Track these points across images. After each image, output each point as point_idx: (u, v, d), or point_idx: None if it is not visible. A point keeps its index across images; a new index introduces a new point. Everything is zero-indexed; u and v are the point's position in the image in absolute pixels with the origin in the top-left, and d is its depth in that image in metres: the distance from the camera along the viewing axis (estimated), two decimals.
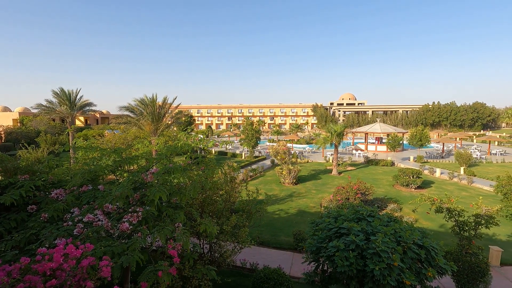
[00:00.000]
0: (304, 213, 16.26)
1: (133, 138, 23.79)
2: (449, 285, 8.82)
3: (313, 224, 6.80)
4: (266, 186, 22.47)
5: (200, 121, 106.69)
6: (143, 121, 22.98)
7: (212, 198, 7.98)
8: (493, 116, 77.56)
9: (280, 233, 13.44)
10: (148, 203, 5.45)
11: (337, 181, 23.27)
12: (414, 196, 17.53)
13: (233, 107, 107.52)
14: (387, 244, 5.06)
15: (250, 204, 9.04)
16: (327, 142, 27.60)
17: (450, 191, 20.19)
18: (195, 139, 8.00)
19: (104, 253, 4.06)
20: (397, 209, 16.03)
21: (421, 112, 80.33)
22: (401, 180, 21.12)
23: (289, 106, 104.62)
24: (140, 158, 7.93)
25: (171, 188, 6.05)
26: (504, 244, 12.27)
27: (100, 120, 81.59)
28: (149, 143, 9.35)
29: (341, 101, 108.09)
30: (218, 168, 7.59)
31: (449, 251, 8.40)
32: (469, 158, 28.14)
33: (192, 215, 7.01)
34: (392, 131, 42.97)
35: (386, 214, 6.60)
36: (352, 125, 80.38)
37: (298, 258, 11.10)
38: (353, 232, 5.48)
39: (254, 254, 11.07)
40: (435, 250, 5.52)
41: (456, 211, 8.76)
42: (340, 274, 5.33)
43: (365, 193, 16.21)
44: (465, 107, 77.46)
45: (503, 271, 10.32)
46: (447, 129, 76.10)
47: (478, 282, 8.04)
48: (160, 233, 4.77)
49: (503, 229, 13.65)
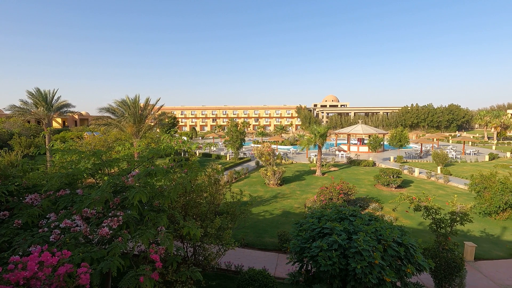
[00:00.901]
0: (289, 214, 16.39)
1: (114, 140, 23.14)
2: (428, 280, 9.14)
3: (297, 225, 6.86)
4: (251, 187, 22.47)
5: (184, 122, 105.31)
6: (125, 122, 22.40)
7: (195, 201, 7.89)
8: (467, 117, 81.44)
9: (265, 234, 13.47)
10: (130, 206, 5.32)
11: (321, 181, 23.62)
12: (394, 195, 18.09)
13: (217, 108, 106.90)
14: (368, 242, 5.19)
15: (234, 206, 9.01)
16: (311, 143, 27.97)
17: (428, 190, 20.97)
18: (179, 141, 7.89)
19: (83, 259, 3.92)
20: (379, 208, 16.46)
21: (401, 114, 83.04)
22: (382, 180, 21.73)
23: (274, 107, 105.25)
24: (121, 161, 7.73)
25: (152, 190, 5.94)
26: (478, 240, 12.87)
27: (79, 122, 78.86)
28: (131, 145, 9.12)
29: (324, 103, 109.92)
30: (202, 170, 7.52)
31: (427, 248, 8.71)
32: (445, 158, 29.35)
33: (175, 218, 6.90)
34: (373, 132, 44.15)
35: (368, 213, 6.77)
36: (335, 127, 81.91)
37: (283, 258, 11.17)
38: (336, 231, 5.58)
39: (239, 256, 11.03)
40: (413, 247, 5.71)
41: (433, 209, 9.10)
42: (324, 274, 5.41)
43: (348, 193, 16.54)
44: (442, 109, 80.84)
45: (477, 266, 10.82)
46: (425, 130, 79.05)
47: (454, 277, 8.38)
48: (142, 237, 4.67)
49: (476, 225, 14.32)
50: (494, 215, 15.26)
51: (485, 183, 15.69)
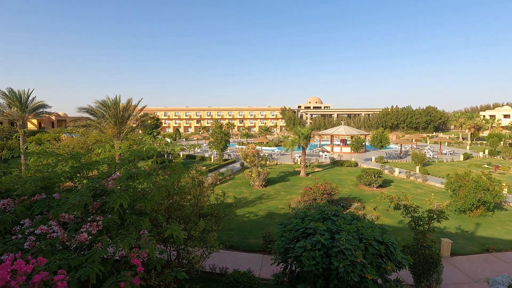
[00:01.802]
0: (274, 215, 16.47)
1: (93, 142, 22.39)
2: (407, 276, 9.45)
3: (281, 225, 6.92)
4: (236, 189, 22.41)
5: (168, 124, 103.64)
6: (105, 124, 21.75)
7: (179, 204, 7.78)
8: (443, 119, 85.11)
9: (249, 236, 13.46)
10: (110, 210, 5.17)
11: (305, 182, 23.90)
12: (376, 195, 18.57)
13: (202, 109, 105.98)
14: (351, 241, 5.31)
15: (218, 208, 8.96)
16: (295, 145, 28.27)
17: (407, 189, 21.68)
18: (161, 142, 7.75)
19: (60, 266, 3.78)
20: (361, 208, 16.86)
21: (381, 115, 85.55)
22: (364, 180, 22.26)
23: (258, 109, 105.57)
24: (101, 164, 7.51)
25: (134, 194, 5.80)
26: (453, 236, 13.44)
27: (56, 123, 75.86)
28: (112, 147, 8.87)
29: (308, 105, 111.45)
30: (185, 172, 7.43)
31: (406, 245, 9.00)
32: (423, 158, 30.48)
33: (158, 222, 6.78)
34: (356, 133, 45.21)
35: (350, 213, 6.92)
36: (319, 128, 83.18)
37: (267, 259, 11.20)
38: (319, 231, 5.67)
39: (223, 258, 10.96)
40: (393, 245, 5.89)
41: (412, 207, 9.44)
42: (307, 274, 5.47)
43: (331, 193, 16.83)
44: (420, 110, 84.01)
45: (452, 261, 11.29)
46: (404, 131, 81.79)
47: (432, 272, 8.71)
48: (123, 241, 4.55)
49: (452, 222, 14.95)
50: (468, 212, 15.99)
51: (460, 182, 16.41)
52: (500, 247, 12.48)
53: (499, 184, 16.36)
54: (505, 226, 14.81)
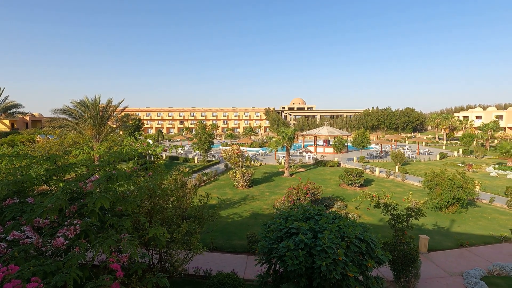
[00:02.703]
0: (258, 216, 16.49)
1: (71, 144, 21.58)
2: (387, 272, 9.73)
3: (265, 226, 6.94)
4: (220, 190, 22.27)
5: (150, 124, 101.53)
6: (83, 125, 21.01)
7: (161, 206, 7.64)
8: (421, 120, 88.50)
9: (234, 237, 13.41)
10: (88, 213, 5.00)
11: (289, 182, 24.10)
12: (357, 194, 18.99)
13: (185, 110, 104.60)
14: (333, 240, 5.40)
15: (202, 210, 8.87)
16: (279, 145, 28.46)
17: (387, 188, 22.36)
18: (143, 144, 7.57)
19: (34, 273, 3.61)
20: (343, 207, 17.20)
21: (363, 116, 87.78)
22: (346, 179, 22.74)
23: (243, 109, 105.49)
24: (79, 166, 7.26)
25: (114, 196, 5.65)
26: (431, 232, 13.97)
27: (31, 124, 72.47)
28: (90, 149, 8.57)
29: (292, 106, 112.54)
30: (168, 173, 7.32)
31: (386, 242, 9.27)
32: (402, 158, 31.54)
33: (139, 224, 6.63)
34: (338, 134, 46.13)
35: (332, 212, 7.05)
36: (303, 128, 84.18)
37: (252, 260, 11.18)
38: (302, 231, 5.74)
39: (207, 260, 10.86)
40: (374, 242, 6.05)
41: (391, 205, 9.73)
42: (291, 273, 5.52)
43: (315, 193, 17.07)
44: (399, 112, 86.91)
45: (430, 257, 11.74)
46: (384, 131, 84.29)
47: (410, 268, 9.01)
48: (102, 245, 4.40)
49: (429, 219, 15.54)
50: (444, 209, 16.68)
51: (436, 180, 17.10)
52: (473, 242, 13.10)
53: (472, 182, 17.18)
54: (478, 222, 15.57)
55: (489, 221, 15.68)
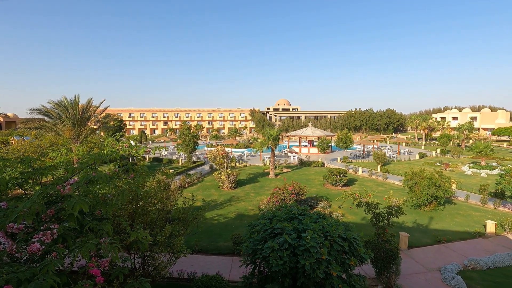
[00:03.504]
0: (243, 217, 16.47)
1: (48, 146, 20.73)
2: (370, 270, 9.97)
3: (249, 227, 6.94)
4: (205, 191, 22.09)
5: (132, 125, 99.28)
6: (62, 126, 20.25)
7: (144, 208, 7.48)
8: (401, 121, 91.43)
9: (219, 239, 13.33)
10: (66, 217, 4.82)
11: (274, 183, 24.22)
12: (341, 193, 19.33)
13: (169, 111, 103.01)
14: (316, 239, 5.48)
15: (186, 212, 8.75)
16: (264, 146, 28.57)
17: (369, 187, 22.91)
18: (124, 145, 7.37)
19: (7, 281, 3.44)
20: (327, 206, 17.47)
21: (346, 117, 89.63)
22: (330, 179, 23.12)
23: (228, 110, 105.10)
24: (57, 168, 6.99)
25: (94, 199, 5.48)
26: (410, 230, 14.44)
27: (5, 125, 69.11)
28: (69, 150, 8.27)
29: (277, 106, 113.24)
30: (151, 175, 7.18)
31: (368, 240, 9.50)
32: (383, 158, 32.43)
33: (121, 228, 6.46)
34: (322, 135, 46.84)
35: (316, 212, 7.15)
36: (288, 129, 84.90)
37: (237, 262, 11.15)
38: (286, 231, 5.78)
39: (192, 263, 10.74)
40: (356, 241, 6.18)
41: (373, 204, 10.00)
42: (275, 273, 5.55)
43: (299, 193, 17.24)
44: (380, 113, 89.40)
45: (410, 253, 12.13)
46: (366, 132, 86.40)
47: (391, 264, 9.28)
48: (81, 249, 4.25)
49: (409, 217, 16.06)
50: (423, 207, 17.29)
51: (415, 179, 17.70)
52: (450, 238, 13.65)
53: (449, 180, 17.91)
54: (454, 219, 16.24)
55: (464, 218, 16.40)
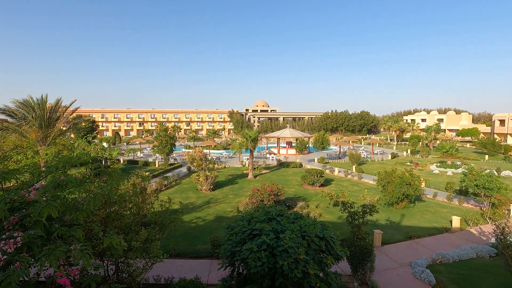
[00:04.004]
0: (222, 219, 16.34)
1: (12, 148, 19.37)
2: (346, 267, 10.26)
3: (228, 229, 6.90)
4: (183, 194, 21.68)
5: (106, 127, 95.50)
6: (27, 127, 19.04)
7: (118, 213, 7.20)
8: (375, 122, 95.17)
9: (197, 242, 13.12)
10: (32, 224, 4.53)
11: (253, 184, 24.26)
12: (318, 193, 19.76)
13: (144, 111, 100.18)
14: (294, 240, 5.54)
15: (163, 215, 8.53)
16: (243, 147, 28.57)
17: (345, 187, 23.59)
18: (96, 147, 7.05)
19: None
20: (305, 206, 17.76)
21: (323, 119, 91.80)
22: (308, 179, 23.54)
23: (206, 111, 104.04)
24: (22, 172, 6.55)
25: (64, 204, 5.19)
26: (384, 227, 15.03)
27: None
28: (35, 153, 7.78)
29: (255, 108, 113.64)
30: (125, 178, 6.94)
31: (344, 239, 9.76)
32: (358, 158, 33.53)
33: (93, 234, 6.18)
34: (300, 136, 47.65)
35: (294, 212, 7.24)
36: (266, 131, 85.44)
37: (216, 264, 11.02)
38: (265, 232, 5.80)
39: (169, 267, 10.48)
40: (333, 240, 6.33)
41: (348, 203, 10.29)
42: (254, 275, 5.55)
43: (278, 194, 17.39)
44: (355, 115, 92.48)
45: (383, 250, 12.62)
46: (342, 133, 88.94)
47: (366, 261, 9.60)
48: (49, 257, 4.00)
49: (382, 214, 16.70)
50: (395, 205, 18.07)
51: (388, 178, 18.46)
52: (420, 234, 14.37)
53: (419, 179, 18.85)
54: (424, 216, 17.11)
55: (433, 214, 17.32)
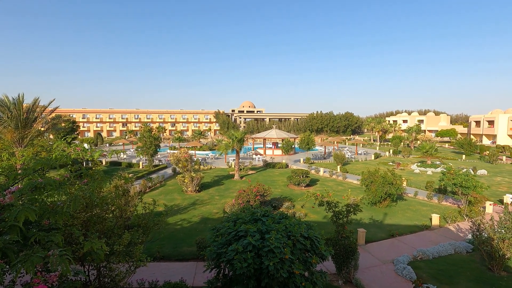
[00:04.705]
0: (208, 220, 16.21)
1: None
2: (330, 266, 10.41)
3: (214, 230, 6.86)
4: (168, 196, 21.35)
5: (87, 127, 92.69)
6: (2, 127, 18.21)
7: (100, 216, 7.00)
8: (359, 123, 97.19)
9: (182, 244, 12.95)
10: (7, 229, 4.33)
11: (239, 185, 24.21)
12: (304, 194, 19.97)
13: (128, 112, 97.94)
14: (279, 240, 5.58)
15: (147, 218, 8.37)
16: (229, 148, 28.45)
17: (330, 187, 23.95)
18: (77, 148, 6.82)
19: None
20: (291, 206, 17.90)
21: (308, 120, 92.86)
22: (294, 180, 23.73)
23: (191, 112, 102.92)
24: None
25: (42, 208, 4.99)
26: (367, 226, 15.36)
27: None
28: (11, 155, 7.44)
29: (242, 109, 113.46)
30: (107, 180, 6.76)
31: (329, 238, 9.92)
32: (343, 158, 34.15)
33: (73, 238, 5.98)
34: (286, 137, 47.97)
35: (279, 212, 7.28)
36: (252, 131, 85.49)
37: (201, 267, 10.92)
38: (250, 233, 5.81)
39: (153, 271, 10.29)
40: (318, 239, 6.41)
41: (333, 203, 10.46)
42: (240, 276, 5.54)
43: (264, 194, 17.43)
44: (340, 116, 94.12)
45: (367, 248, 12.89)
46: (327, 134, 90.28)
47: (350, 260, 9.78)
48: (25, 263, 3.84)
49: (366, 213, 17.07)
50: (378, 204, 18.51)
51: (371, 178, 18.90)
52: (402, 231, 14.78)
53: (400, 178, 19.42)
54: (405, 214, 17.62)
55: (414, 212, 17.87)
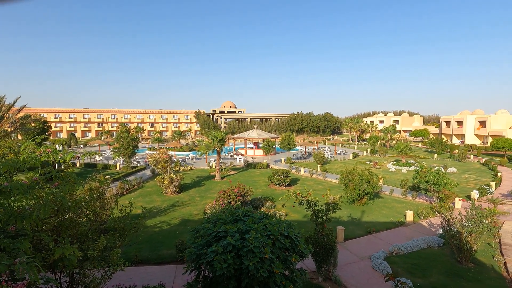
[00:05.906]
0: (188, 222, 15.97)
1: None
2: (310, 264, 10.57)
3: (193, 232, 6.75)
4: (146, 198, 20.82)
5: (60, 127, 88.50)
6: None
7: (73, 220, 6.68)
8: (338, 123, 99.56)
9: (161, 247, 12.67)
10: None
11: (220, 185, 24.05)
12: (285, 193, 20.15)
13: (104, 112, 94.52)
14: (259, 239, 5.58)
15: (124, 221, 8.10)
16: (210, 149, 28.18)
17: (310, 186, 24.34)
18: (47, 150, 6.46)
19: None
20: (272, 206, 18.01)
21: (289, 120, 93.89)
22: (275, 180, 23.90)
23: (171, 112, 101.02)
24: None
25: (7, 213, 4.70)
26: (346, 223, 15.75)
27: None
28: None
29: (223, 109, 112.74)
30: (80, 183, 6.46)
31: (309, 236, 10.06)
32: (323, 158, 34.84)
33: (43, 244, 5.67)
34: (267, 137, 48.23)
35: (260, 212, 7.29)
36: (233, 132, 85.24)
37: (181, 269, 10.68)
38: (230, 233, 5.77)
39: (131, 275, 9.99)
40: (297, 237, 6.48)
41: (313, 202, 10.63)
42: (220, 277, 5.49)
43: (245, 194, 17.41)
44: (320, 116, 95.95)
45: (345, 245, 13.22)
46: (308, 134, 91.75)
47: (330, 257, 9.98)
48: None
49: (344, 211, 17.51)
50: (356, 202, 19.04)
51: (349, 177, 19.39)
52: (378, 228, 15.29)
53: (377, 177, 20.08)
54: (382, 211, 18.24)
55: (389, 209, 18.54)
